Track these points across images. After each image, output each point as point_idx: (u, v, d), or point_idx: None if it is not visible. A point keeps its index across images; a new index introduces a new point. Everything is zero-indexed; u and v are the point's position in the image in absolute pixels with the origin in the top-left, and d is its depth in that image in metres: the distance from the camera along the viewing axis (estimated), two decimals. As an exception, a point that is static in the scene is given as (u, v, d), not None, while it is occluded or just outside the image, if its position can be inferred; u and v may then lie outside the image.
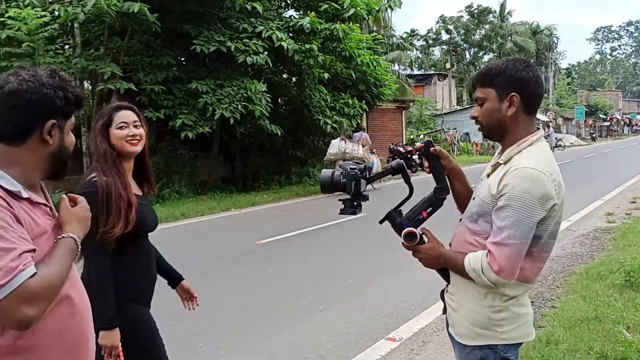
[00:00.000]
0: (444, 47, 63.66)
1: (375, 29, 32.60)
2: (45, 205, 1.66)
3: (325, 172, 2.22)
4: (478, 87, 2.08)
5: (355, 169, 2.17)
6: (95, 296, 1.96)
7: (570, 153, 33.71)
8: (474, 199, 2.12)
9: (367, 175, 2.21)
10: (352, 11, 16.39)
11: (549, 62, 65.14)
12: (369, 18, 18.68)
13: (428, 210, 2.16)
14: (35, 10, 12.28)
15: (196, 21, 14.30)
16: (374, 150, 19.13)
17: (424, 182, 2.61)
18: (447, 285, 2.19)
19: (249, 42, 13.93)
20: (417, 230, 2.11)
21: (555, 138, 38.75)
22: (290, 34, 15.69)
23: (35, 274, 1.45)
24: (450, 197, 2.27)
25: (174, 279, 2.92)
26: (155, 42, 14.43)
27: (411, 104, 29.65)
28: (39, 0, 13.24)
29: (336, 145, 16.35)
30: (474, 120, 2.11)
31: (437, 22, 65.43)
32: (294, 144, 18.74)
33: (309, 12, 16.74)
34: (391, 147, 22.28)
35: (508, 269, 1.91)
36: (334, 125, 17.36)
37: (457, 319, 2.11)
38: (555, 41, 67.26)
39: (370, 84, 19.96)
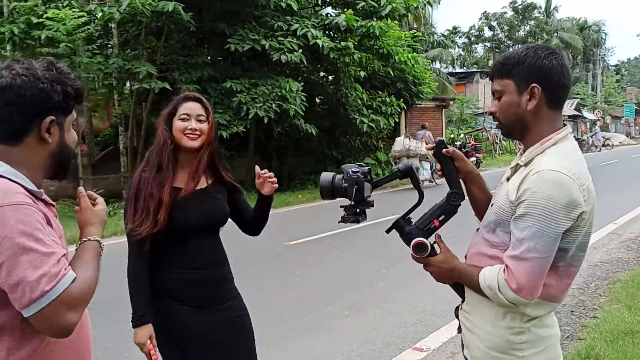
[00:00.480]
0: (487, 44, 62.46)
1: (415, 26, 32.12)
2: (54, 206, 1.61)
3: (325, 176, 1.99)
4: (495, 79, 1.82)
5: (357, 172, 1.93)
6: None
7: (618, 152, 32.56)
8: (492, 205, 1.86)
9: (370, 178, 1.98)
10: (389, 8, 16.14)
11: (597, 58, 63.32)
12: (407, 15, 18.33)
13: (440, 219, 1.92)
14: (73, 11, 12.42)
15: (231, 20, 14.25)
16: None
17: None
18: (462, 302, 1.95)
19: (284, 40, 13.80)
20: (428, 241, 1.88)
21: (603, 137, 37.49)
22: (326, 32, 15.51)
23: (75, 278, 1.42)
24: (467, 204, 2.03)
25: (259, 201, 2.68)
26: (191, 42, 14.44)
27: (452, 102, 29.05)
28: (77, 1, 13.42)
29: (400, 143, 16.58)
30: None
31: (480, 19, 64.20)
32: (330, 144, 18.51)
33: (345, 9, 16.54)
34: None
35: (528, 287, 1.66)
36: (371, 124, 17.07)
37: (472, 341, 1.87)
38: (604, 37, 65.34)
39: (409, 82, 19.63)
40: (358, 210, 1.94)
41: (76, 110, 1.64)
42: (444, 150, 1.95)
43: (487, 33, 63.42)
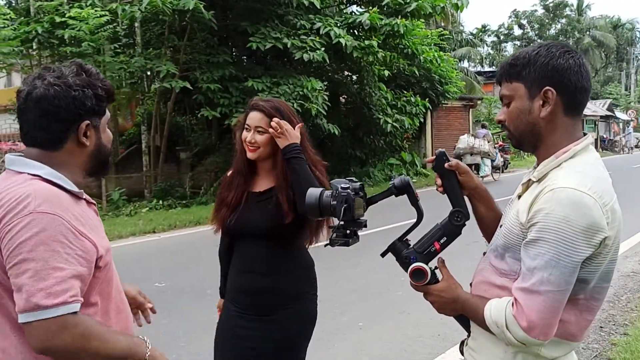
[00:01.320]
0: (517, 42, 61.37)
1: (442, 24, 31.65)
2: (94, 204, 1.67)
3: (312, 192, 1.76)
4: (503, 82, 1.58)
5: (347, 188, 1.69)
6: None
7: (653, 154, 31.61)
8: (501, 227, 1.62)
9: (362, 194, 1.74)
10: (414, 5, 15.79)
11: (630, 57, 61.83)
12: (433, 14, 17.98)
13: (442, 241, 1.68)
14: (95, 10, 12.39)
15: (254, 18, 14.10)
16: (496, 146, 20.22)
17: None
18: (468, 337, 1.71)
19: (306, 39, 13.59)
20: (428, 266, 1.64)
21: (636, 138, 36.49)
22: (350, 31, 15.27)
23: (79, 313, 1.41)
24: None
25: None
26: (213, 40, 14.32)
27: (479, 102, 28.51)
28: (100, 0, 13.40)
29: (465, 141, 17.67)
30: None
31: (510, 17, 63.30)
32: (354, 143, 18.25)
33: (371, 7, 16.27)
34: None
35: (541, 326, 1.41)
36: (395, 124, 16.78)
37: (478, 383, 1.63)
38: (638, 35, 63.62)
39: (435, 82, 19.32)
40: (348, 231, 1.71)
41: (108, 109, 1.68)
42: (446, 164, 1.71)
43: (517, 31, 62.40)
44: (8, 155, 1.56)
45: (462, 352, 1.74)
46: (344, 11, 17.69)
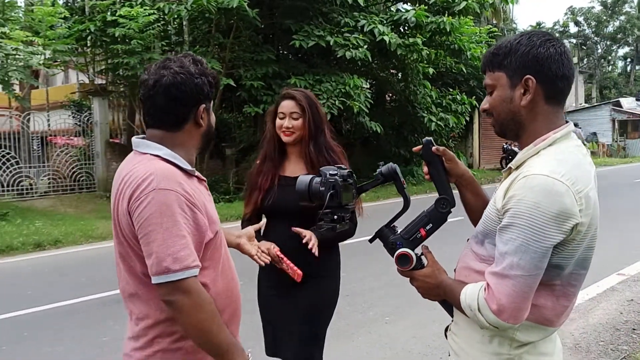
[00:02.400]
0: (572, 40, 59.59)
1: (494, 21, 31.11)
2: (205, 181, 1.88)
3: (303, 179, 1.83)
4: (487, 72, 1.60)
5: (335, 175, 1.75)
6: None
7: None
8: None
9: (351, 182, 1.79)
10: (463, 4, 15.63)
11: (695, 55, 59.05)
12: (481, 11, 17.72)
13: (427, 228, 1.72)
14: (144, 9, 12.75)
15: (299, 16, 14.23)
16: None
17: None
18: (452, 322, 1.74)
19: (349, 37, 13.62)
20: (413, 253, 1.68)
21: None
22: (396, 28, 15.21)
23: (196, 278, 1.63)
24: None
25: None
26: (257, 38, 14.52)
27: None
28: (151, -2, 13.79)
29: None
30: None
31: (565, 14, 61.59)
32: (398, 142, 18.17)
33: (417, 5, 16.17)
34: (505, 146, 20.96)
35: (510, 309, 1.43)
36: (439, 122, 16.61)
37: (458, 367, 1.66)
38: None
39: (483, 80, 18.98)
40: (336, 217, 1.76)
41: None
42: (433, 148, 1.74)
43: (573, 29, 60.57)
44: (134, 138, 1.82)
45: (446, 336, 1.77)
46: (390, 8, 17.64)
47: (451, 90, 18.04)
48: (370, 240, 1.79)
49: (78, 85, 18.93)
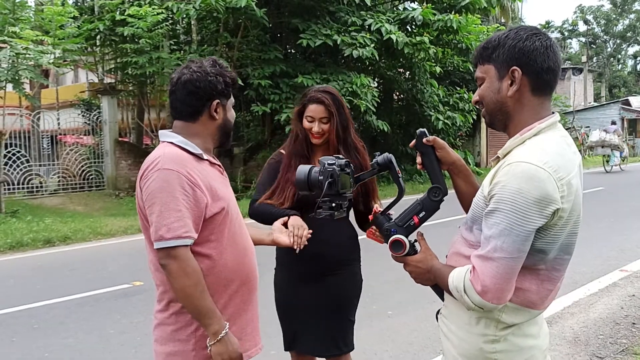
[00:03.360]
0: (582, 39, 59.37)
1: (502, 20, 31.02)
2: (219, 165, 2.11)
3: (302, 168, 1.92)
4: (478, 65, 1.68)
5: (333, 164, 1.84)
6: None
7: None
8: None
9: (349, 171, 1.87)
10: (467, 0, 15.64)
11: None
12: (489, 8, 17.72)
13: (420, 216, 1.79)
14: (153, 8, 12.88)
15: (306, 15, 14.30)
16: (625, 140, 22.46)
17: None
18: (443, 306, 1.81)
19: (357, 36, 13.68)
20: (406, 239, 1.75)
21: None
22: (403, 27, 15.24)
23: (189, 247, 1.88)
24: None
25: None
26: (265, 37, 14.61)
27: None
28: (157, -3, 13.92)
29: (597, 135, 21.16)
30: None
31: (575, 12, 61.19)
32: (405, 141, 18.20)
33: (424, 3, 16.20)
34: None
35: (494, 290, 1.50)
36: (446, 121, 16.63)
37: (447, 348, 1.72)
38: None
39: (490, 78, 18.97)
40: (334, 204, 1.85)
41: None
42: (424, 139, 1.81)
43: (582, 27, 60.26)
44: (160, 130, 2.10)
45: (437, 320, 1.84)
46: (397, 7, 17.67)
47: (458, 89, 18.05)
48: (366, 228, 1.86)
49: (87, 84, 19.13)
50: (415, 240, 1.80)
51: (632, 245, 7.84)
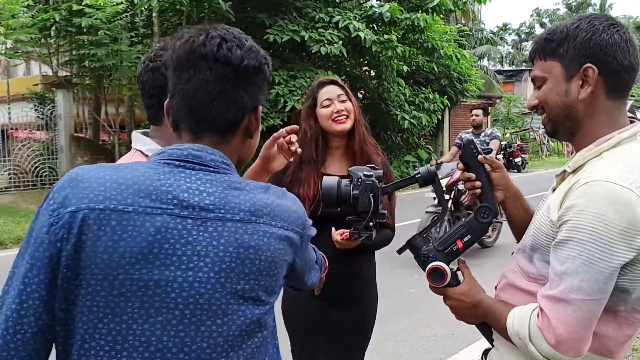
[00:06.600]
0: (538, 42, 60.68)
1: (463, 21, 31.29)
2: None
3: (329, 181, 1.59)
4: (537, 61, 1.39)
5: (371, 176, 1.53)
6: None
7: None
8: (531, 224, 1.44)
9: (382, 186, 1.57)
10: (437, 1, 15.57)
11: (654, 59, 60.81)
12: (455, 10, 17.72)
13: (465, 239, 1.50)
14: (112, -2, 12.32)
15: (272, 10, 13.96)
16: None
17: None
18: (492, 347, 1.53)
19: (324, 32, 13.42)
20: (447, 267, 1.46)
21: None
22: (370, 25, 15.07)
23: None
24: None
25: None
26: (230, 32, 14.21)
27: (498, 100, 28.16)
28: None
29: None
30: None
31: (532, 16, 62.68)
32: (371, 140, 18.08)
33: (391, 0, 16.06)
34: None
35: (570, 340, 1.22)
36: (412, 120, 16.55)
37: (501, 396, 1.45)
38: (662, 36, 62.58)
39: (454, 79, 19.08)
40: (371, 223, 1.54)
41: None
42: (479, 157, 1.51)
43: (539, 30, 61.61)
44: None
45: (484, 363, 1.56)
46: (364, 5, 17.49)
47: (423, 88, 17.99)
48: (399, 251, 1.58)
49: (41, 77, 18.28)
50: (458, 269, 1.52)
51: None
